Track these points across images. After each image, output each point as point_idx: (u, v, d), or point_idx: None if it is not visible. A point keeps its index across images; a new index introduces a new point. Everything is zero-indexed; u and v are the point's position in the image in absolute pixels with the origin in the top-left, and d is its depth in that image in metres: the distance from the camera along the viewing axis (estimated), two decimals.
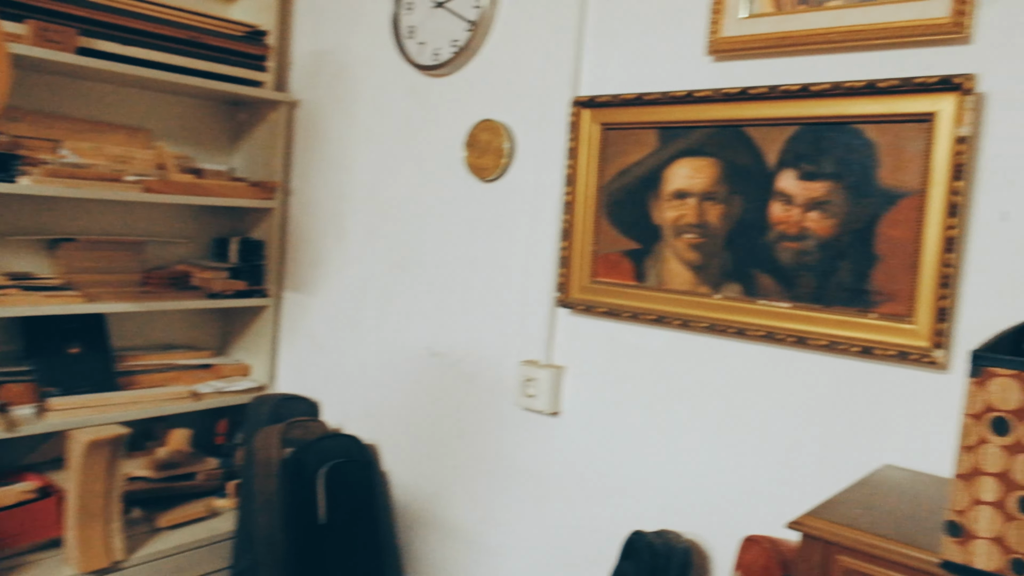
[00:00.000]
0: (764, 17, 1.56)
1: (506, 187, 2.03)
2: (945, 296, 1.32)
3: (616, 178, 1.77)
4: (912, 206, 1.37)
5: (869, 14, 1.43)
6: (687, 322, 1.64)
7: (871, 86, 1.37)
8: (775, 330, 1.52)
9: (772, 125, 1.53)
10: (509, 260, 2.02)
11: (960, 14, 1.33)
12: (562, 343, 1.92)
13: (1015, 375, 0.95)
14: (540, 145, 1.95)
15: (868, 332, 1.42)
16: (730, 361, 1.63)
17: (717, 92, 1.57)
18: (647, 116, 1.70)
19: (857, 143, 1.43)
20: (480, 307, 2.08)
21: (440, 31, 2.15)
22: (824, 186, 1.47)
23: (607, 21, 1.83)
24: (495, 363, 2.05)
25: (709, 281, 1.63)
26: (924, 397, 1.39)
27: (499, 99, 2.04)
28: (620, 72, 1.80)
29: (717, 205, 1.61)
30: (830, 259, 1.47)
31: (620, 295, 1.77)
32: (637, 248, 1.74)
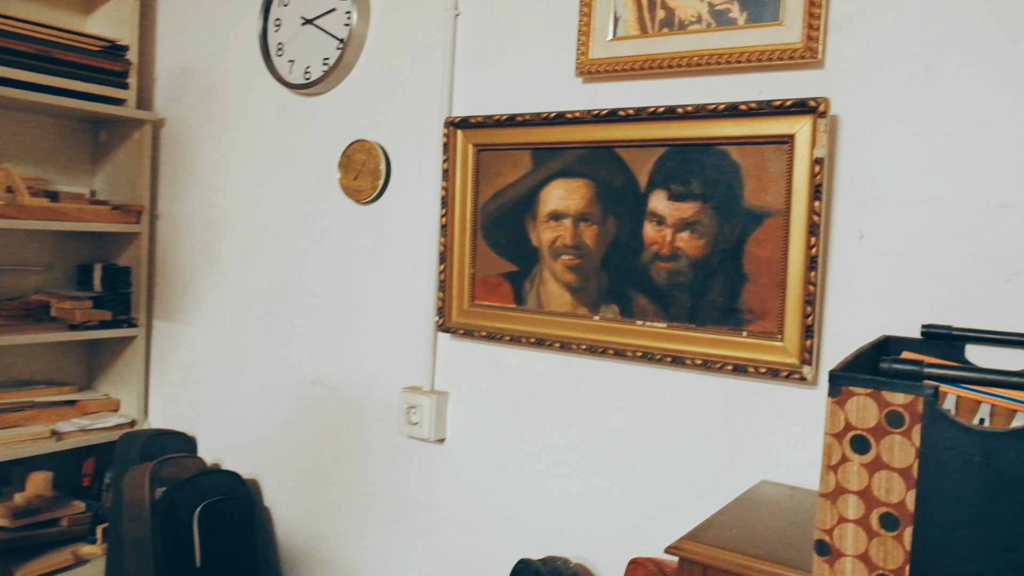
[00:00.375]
0: (630, 39, 1.56)
1: (383, 209, 1.97)
2: (810, 314, 1.35)
3: (492, 199, 1.75)
4: (776, 226, 1.40)
5: (728, 38, 1.45)
6: (567, 344, 1.63)
7: (732, 108, 1.40)
8: (652, 350, 1.53)
9: (642, 146, 1.54)
10: (389, 284, 1.96)
11: (812, 39, 1.37)
12: (445, 368, 1.88)
13: (871, 394, 0.98)
14: (416, 166, 1.91)
15: (741, 350, 1.45)
16: (610, 382, 1.63)
17: (587, 113, 1.57)
18: (520, 137, 1.68)
19: (722, 164, 1.45)
20: (361, 333, 2.02)
21: (310, 49, 2.08)
22: (693, 207, 1.48)
23: (478, 41, 1.81)
24: (378, 390, 1.99)
25: (587, 303, 1.63)
26: (796, 412, 1.43)
27: (373, 119, 1.99)
28: (493, 93, 1.78)
29: (592, 226, 1.61)
30: (702, 279, 1.48)
31: (500, 318, 1.74)
32: (516, 270, 1.72)
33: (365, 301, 2.01)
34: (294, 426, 2.16)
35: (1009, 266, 1.25)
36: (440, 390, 1.88)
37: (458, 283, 1.80)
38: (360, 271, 2.02)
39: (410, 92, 1.92)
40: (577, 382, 1.68)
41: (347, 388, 2.05)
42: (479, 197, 1.77)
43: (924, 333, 1.28)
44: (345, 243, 2.04)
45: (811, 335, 1.36)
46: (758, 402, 1.46)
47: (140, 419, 2.49)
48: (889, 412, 0.96)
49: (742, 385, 1.48)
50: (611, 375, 1.63)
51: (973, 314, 1.28)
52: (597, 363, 1.65)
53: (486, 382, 1.81)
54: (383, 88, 1.97)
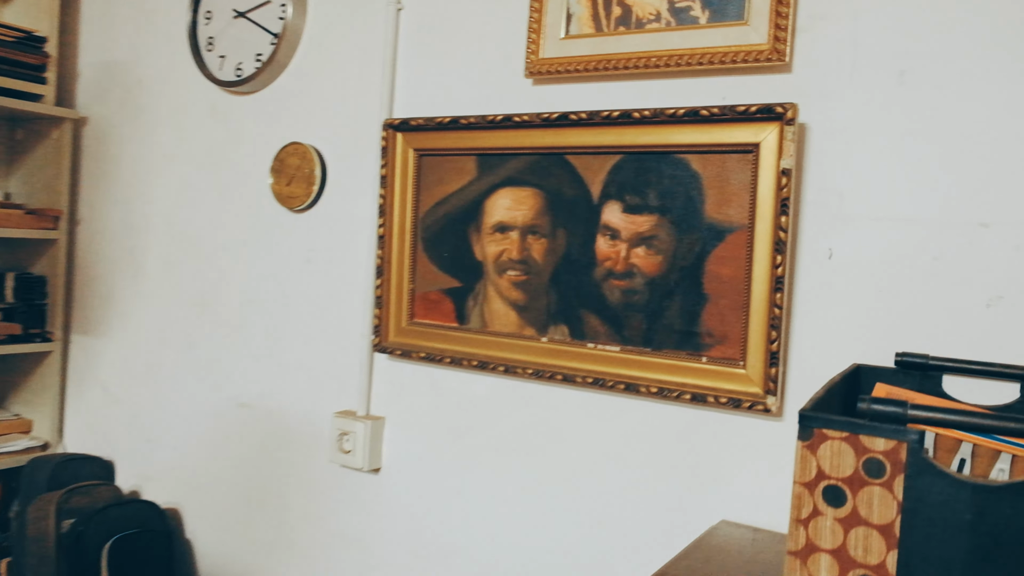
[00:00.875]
0: (583, 38, 1.44)
1: (318, 218, 1.82)
2: (775, 339, 1.24)
3: (434, 209, 1.61)
4: (739, 242, 1.28)
5: (689, 38, 1.34)
6: (511, 368, 1.49)
7: (693, 114, 1.28)
8: (604, 376, 1.40)
9: (595, 153, 1.41)
10: (323, 299, 1.81)
11: (779, 40, 1.26)
12: (381, 392, 1.73)
13: (847, 438, 0.85)
14: (354, 172, 1.76)
15: (700, 377, 1.32)
16: (558, 410, 1.50)
17: (537, 117, 1.44)
18: (465, 142, 1.55)
19: (682, 174, 1.33)
20: (292, 352, 1.86)
21: (243, 44, 1.92)
22: (650, 220, 1.36)
23: (422, 38, 1.67)
24: (309, 414, 1.83)
25: (535, 323, 1.49)
26: (759, 446, 1.31)
27: (309, 120, 1.84)
28: (437, 94, 1.65)
29: (541, 239, 1.48)
30: (659, 299, 1.36)
31: (441, 338, 1.60)
32: (458, 286, 1.58)
33: (297, 317, 1.85)
34: (219, 452, 1.99)
35: (990, 290, 1.14)
36: (376, 415, 1.72)
37: (396, 299, 1.65)
38: (292, 284, 1.86)
39: (348, 92, 1.77)
40: (524, 409, 1.54)
41: (276, 411, 1.89)
42: (420, 206, 1.63)
43: (899, 362, 1.17)
44: (276, 254, 1.89)
45: (776, 362, 1.24)
46: (719, 434, 1.34)
47: (54, 442, 2.29)
48: (868, 460, 0.83)
49: (701, 416, 1.35)
50: (560, 402, 1.50)
51: (951, 342, 1.17)
52: (545, 389, 1.51)
53: (426, 407, 1.66)
54: (320, 87, 1.82)
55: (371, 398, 1.74)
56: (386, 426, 1.72)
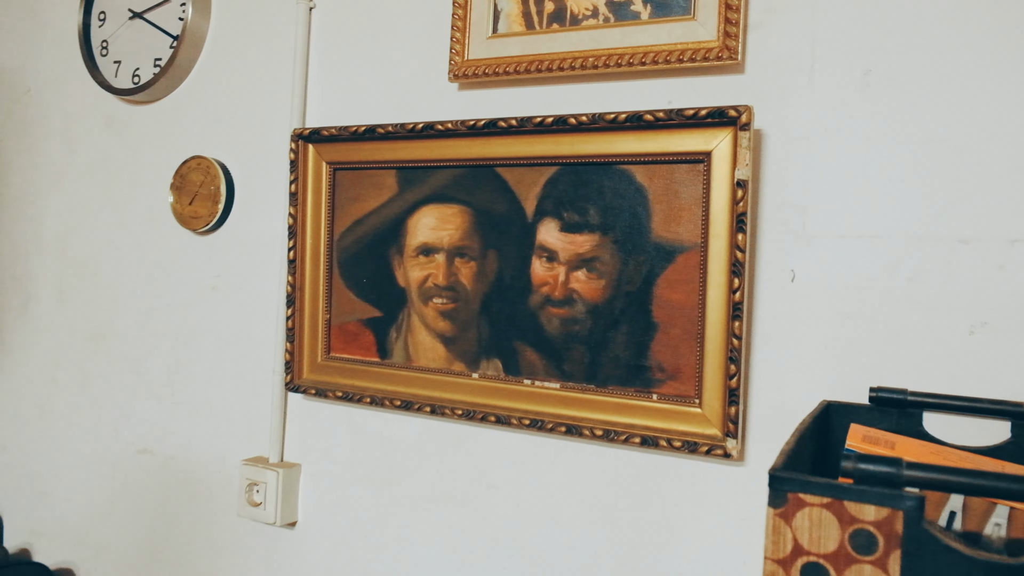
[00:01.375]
0: (513, 37, 1.29)
1: (224, 241, 1.63)
2: (734, 373, 1.09)
3: (351, 229, 1.43)
4: (692, 264, 1.14)
5: (630, 35, 1.19)
6: (439, 408, 1.32)
7: (636, 119, 1.13)
8: (542, 416, 1.24)
9: (528, 165, 1.25)
10: (230, 332, 1.61)
11: (730, 36, 1.12)
12: (296, 435, 1.53)
13: (829, 504, 0.70)
14: (263, 188, 1.58)
15: (650, 418, 1.16)
16: (492, 455, 1.32)
17: (462, 124, 1.27)
18: (384, 153, 1.37)
19: (625, 188, 1.18)
20: (197, 391, 1.66)
21: (140, 47, 1.72)
22: (590, 239, 1.21)
23: (336, 39, 1.50)
24: (216, 462, 1.62)
25: (464, 357, 1.32)
26: (718, 496, 1.15)
27: (214, 131, 1.65)
28: (354, 100, 1.47)
29: (470, 263, 1.31)
30: (602, 328, 1.20)
31: (361, 375, 1.42)
32: (379, 316, 1.41)
33: (202, 351, 1.65)
34: (118, 503, 1.76)
35: (972, 315, 1.01)
36: (290, 462, 1.53)
37: (310, 331, 1.47)
38: (197, 315, 1.66)
39: (257, 99, 1.59)
40: (453, 454, 1.36)
41: (180, 458, 1.67)
42: (335, 227, 1.44)
43: (873, 398, 1.02)
44: (178, 281, 1.68)
45: (736, 400, 1.09)
46: (672, 483, 1.18)
47: None
48: (856, 532, 0.68)
49: (652, 461, 1.19)
50: (494, 446, 1.32)
51: (931, 374, 1.03)
52: (477, 431, 1.34)
53: (345, 453, 1.48)
54: (225, 94, 1.63)
55: (285, 443, 1.54)
56: (302, 474, 1.52)
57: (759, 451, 1.12)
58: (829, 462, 1.03)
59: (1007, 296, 0.99)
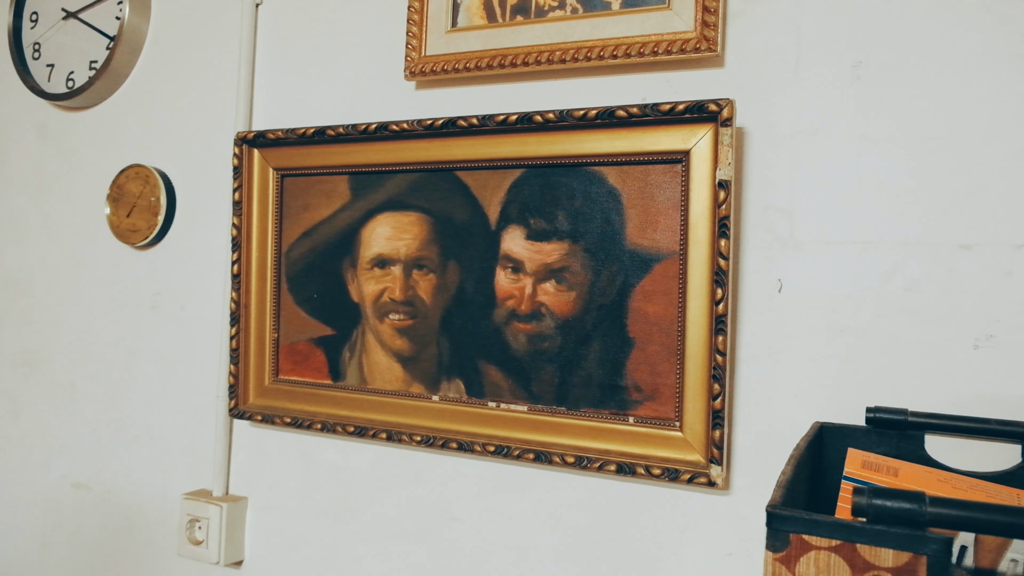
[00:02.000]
0: (474, 31, 1.19)
1: (164, 255, 1.50)
2: (718, 393, 0.99)
3: (301, 241, 1.32)
4: (670, 273, 1.04)
5: (600, 27, 1.10)
6: (396, 434, 1.20)
7: (608, 115, 1.03)
8: (508, 442, 1.13)
9: (491, 168, 1.15)
10: (172, 354, 1.48)
11: (708, 26, 1.03)
12: (242, 466, 1.41)
13: (839, 548, 0.60)
14: (207, 198, 1.46)
15: (626, 443, 1.06)
16: (455, 485, 1.21)
17: (418, 124, 1.17)
18: (335, 158, 1.27)
19: (597, 191, 1.08)
20: (136, 419, 1.52)
21: (74, 49, 1.60)
22: (559, 248, 1.10)
23: (285, 36, 1.39)
24: (157, 496, 1.49)
25: (424, 378, 1.21)
26: (701, 528, 1.05)
27: (153, 138, 1.53)
28: (304, 102, 1.37)
29: (429, 275, 1.21)
30: (573, 345, 1.10)
31: (312, 399, 1.30)
32: (331, 335, 1.29)
33: (142, 376, 1.52)
34: (50, 543, 1.62)
35: (977, 327, 0.92)
36: (235, 496, 1.40)
37: (256, 352, 1.35)
38: (136, 336, 1.53)
39: (200, 102, 1.47)
40: (412, 485, 1.25)
41: (118, 492, 1.54)
42: (283, 238, 1.33)
43: (871, 419, 0.93)
44: (115, 300, 1.55)
45: (720, 422, 0.99)
46: (651, 514, 1.08)
47: None
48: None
49: (629, 490, 1.09)
50: (456, 475, 1.21)
51: (932, 392, 0.94)
52: (437, 459, 1.23)
53: (296, 484, 1.35)
54: (166, 98, 1.52)
55: (230, 474, 1.41)
56: (248, 508, 1.39)
57: (746, 479, 1.02)
58: (823, 492, 0.93)
59: (1014, 305, 0.91)
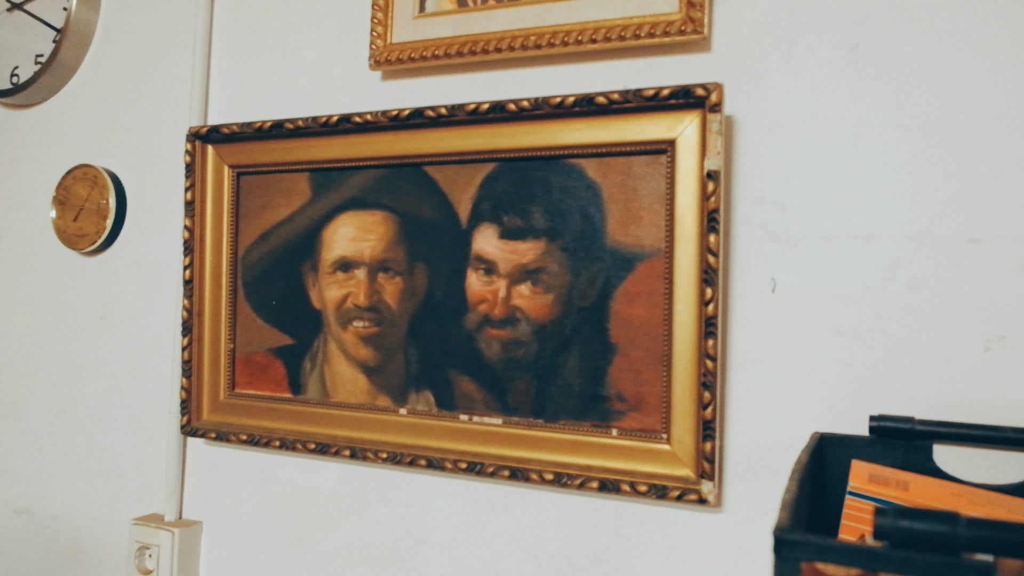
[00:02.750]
0: (443, 16, 1.11)
1: (114, 262, 1.40)
2: (708, 402, 0.91)
3: (258, 243, 1.22)
4: (655, 273, 0.96)
5: (578, 10, 1.03)
6: (360, 451, 1.11)
7: (586, 103, 0.96)
8: (482, 458, 1.04)
9: (461, 162, 1.07)
10: (122, 367, 1.38)
11: (693, 7, 0.96)
12: (196, 488, 1.31)
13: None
14: (160, 200, 1.36)
15: (610, 457, 0.98)
16: (425, 506, 1.12)
17: (383, 116, 1.09)
18: (295, 153, 1.18)
19: (575, 185, 1.00)
20: (84, 438, 1.42)
21: (19, 43, 1.50)
22: (535, 247, 1.02)
23: (243, 25, 1.31)
24: (105, 522, 1.38)
25: (390, 389, 1.12)
26: (692, 549, 0.96)
27: (103, 137, 1.43)
28: (263, 95, 1.28)
29: (395, 278, 1.12)
30: (551, 352, 1.01)
31: (270, 414, 1.20)
32: (291, 344, 1.20)
33: (90, 391, 1.41)
34: None
35: (987, 327, 0.85)
36: (189, 520, 1.30)
37: (211, 364, 1.25)
38: (83, 348, 1.42)
39: (153, 99, 1.38)
40: (379, 506, 1.15)
41: (63, 519, 1.43)
42: (240, 241, 1.24)
43: (875, 428, 0.86)
44: (61, 310, 1.45)
45: (711, 433, 0.91)
46: (636, 534, 0.99)
47: None
48: None
49: (613, 508, 1.00)
50: (425, 495, 1.12)
51: (941, 398, 0.87)
52: (405, 477, 1.14)
53: (254, 507, 1.25)
54: (117, 94, 1.42)
55: (183, 497, 1.31)
56: (203, 534, 1.29)
57: (740, 495, 0.94)
58: (824, 510, 0.85)
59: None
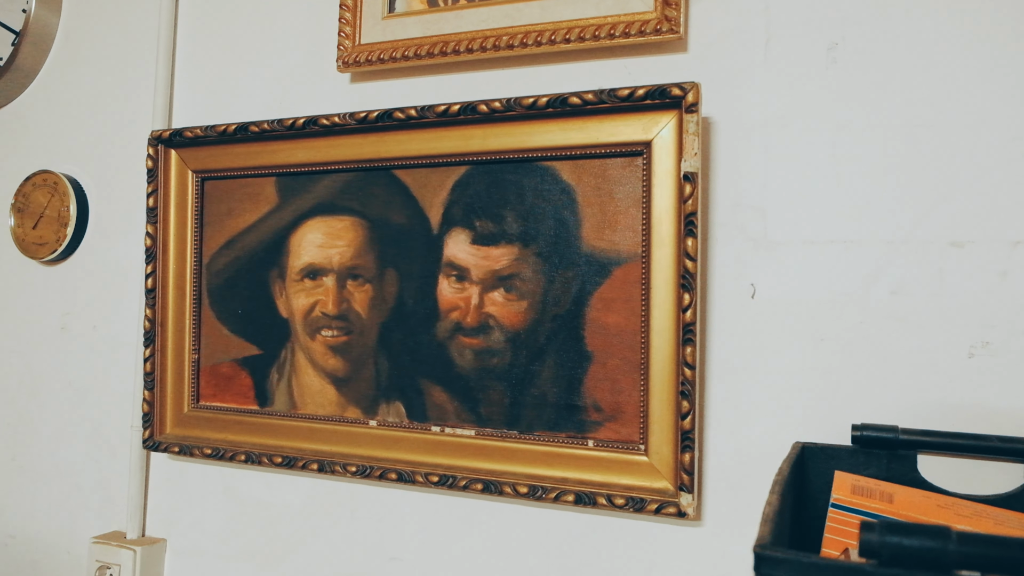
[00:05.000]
0: (413, 16, 1.08)
1: (74, 270, 1.36)
2: (687, 412, 0.88)
3: (223, 251, 1.18)
4: (631, 278, 0.93)
5: (551, 9, 1.00)
6: (328, 465, 1.07)
7: (560, 103, 0.93)
8: (454, 471, 1.00)
9: (432, 165, 1.04)
10: (83, 380, 1.33)
11: (669, 5, 0.93)
12: (161, 504, 1.26)
13: None
14: (122, 207, 1.32)
15: (586, 469, 0.94)
16: (396, 521, 1.08)
17: (351, 118, 1.05)
18: (260, 157, 1.14)
19: (549, 188, 0.97)
20: (43, 453, 1.37)
21: None
22: (508, 252, 0.99)
23: (208, 26, 1.27)
24: (65, 540, 1.33)
25: (360, 401, 1.08)
26: (670, 564, 0.93)
27: (64, 142, 1.39)
28: (229, 98, 1.24)
29: (364, 286, 1.08)
30: (525, 361, 0.98)
31: (236, 427, 1.16)
32: (258, 354, 1.16)
33: (50, 404, 1.36)
34: None
35: (971, 333, 0.83)
36: (152, 538, 1.25)
37: (174, 376, 1.20)
38: (43, 360, 1.37)
39: (115, 103, 1.34)
40: (348, 521, 1.11)
41: (21, 537, 1.37)
42: (204, 248, 1.20)
43: (857, 438, 0.83)
44: (20, 320, 1.40)
45: (690, 444, 0.88)
46: (614, 548, 0.96)
47: None
48: None
49: (589, 522, 0.97)
50: (395, 510, 1.08)
51: (924, 406, 0.85)
52: (376, 492, 1.10)
53: (219, 524, 1.21)
54: (78, 98, 1.38)
55: (146, 514, 1.26)
56: (167, 552, 1.25)
57: (720, 508, 0.91)
58: (806, 522, 0.83)
59: (1011, 309, 0.82)
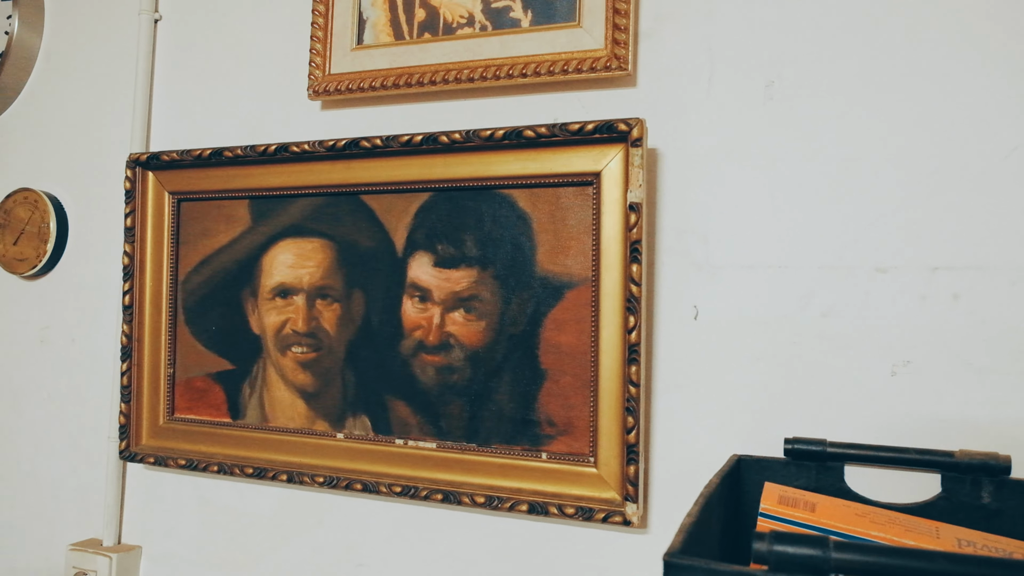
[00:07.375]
0: (380, 48, 1.14)
1: (54, 286, 1.40)
2: (632, 426, 0.94)
3: (198, 270, 1.23)
4: (582, 301, 0.99)
5: (509, 45, 1.06)
6: (297, 475, 1.12)
7: (516, 135, 0.99)
8: (416, 482, 1.05)
9: (397, 191, 1.09)
10: (62, 392, 1.38)
11: (618, 44, 0.99)
12: (136, 513, 1.30)
13: None
14: (101, 225, 1.37)
15: (539, 480, 1.00)
16: (362, 529, 1.13)
17: (320, 145, 1.11)
18: (234, 181, 1.19)
19: (506, 215, 1.03)
20: (22, 463, 1.41)
21: None
22: (468, 275, 1.05)
23: (185, 53, 1.32)
24: (43, 547, 1.37)
25: (328, 414, 1.14)
26: (617, 570, 0.99)
27: (44, 161, 1.43)
28: (204, 123, 1.29)
29: (333, 305, 1.14)
30: (483, 378, 1.04)
31: (209, 439, 1.21)
32: (231, 369, 1.21)
33: (29, 416, 1.40)
34: None
35: (894, 353, 0.89)
36: (128, 545, 1.30)
37: (150, 389, 1.25)
38: (22, 373, 1.42)
39: (95, 124, 1.39)
40: (317, 530, 1.16)
41: (0, 544, 1.41)
42: (180, 267, 1.25)
43: (789, 451, 0.89)
44: (2, 333, 1.44)
45: (635, 457, 0.94)
46: (564, 555, 1.01)
47: None
48: None
49: (542, 530, 1.03)
50: (361, 518, 1.13)
51: (851, 420, 0.91)
52: (341, 501, 1.15)
53: (193, 532, 1.26)
54: (59, 119, 1.43)
55: (122, 522, 1.31)
56: (142, 559, 1.29)
57: (664, 516, 0.97)
58: (743, 531, 0.88)
59: (930, 331, 0.88)
